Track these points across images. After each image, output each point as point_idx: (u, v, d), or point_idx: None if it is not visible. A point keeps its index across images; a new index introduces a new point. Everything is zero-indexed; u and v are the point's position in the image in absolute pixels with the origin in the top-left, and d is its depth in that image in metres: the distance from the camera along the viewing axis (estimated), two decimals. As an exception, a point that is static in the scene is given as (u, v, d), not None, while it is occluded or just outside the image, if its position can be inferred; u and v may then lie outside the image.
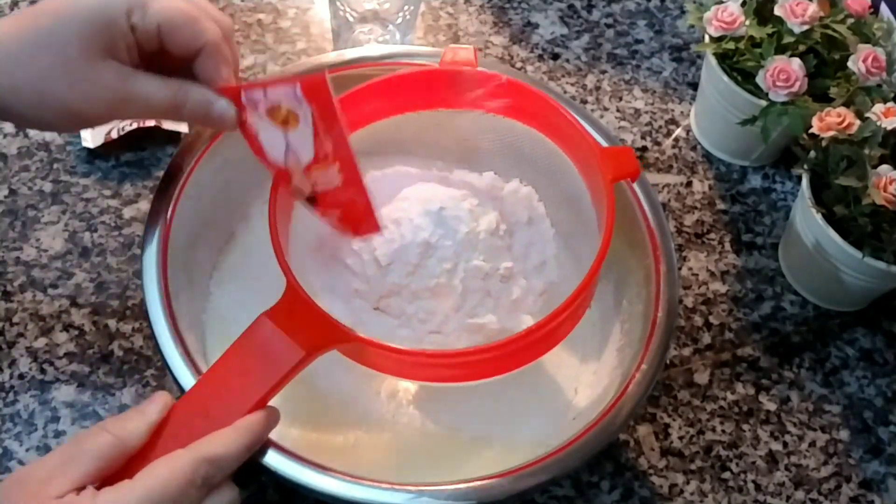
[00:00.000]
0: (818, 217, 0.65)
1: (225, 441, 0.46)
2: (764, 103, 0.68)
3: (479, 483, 0.49)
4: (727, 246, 0.74)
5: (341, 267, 0.57)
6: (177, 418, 0.47)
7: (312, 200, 0.53)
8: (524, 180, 0.62)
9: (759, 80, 0.68)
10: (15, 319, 0.65)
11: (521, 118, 0.59)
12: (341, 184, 0.52)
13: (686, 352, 0.68)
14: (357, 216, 0.54)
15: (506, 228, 0.58)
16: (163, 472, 0.43)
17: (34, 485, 0.42)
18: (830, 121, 0.64)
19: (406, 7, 0.76)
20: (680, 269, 0.72)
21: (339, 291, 0.56)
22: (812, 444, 0.65)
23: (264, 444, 0.49)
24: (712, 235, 0.74)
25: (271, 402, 0.49)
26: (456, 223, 0.55)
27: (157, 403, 0.47)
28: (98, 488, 0.42)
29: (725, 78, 0.71)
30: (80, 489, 0.42)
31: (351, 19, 0.76)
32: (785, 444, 0.65)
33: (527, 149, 0.60)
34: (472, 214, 0.56)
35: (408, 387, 0.61)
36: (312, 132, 0.50)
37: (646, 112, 0.81)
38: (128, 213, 0.70)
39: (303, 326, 0.49)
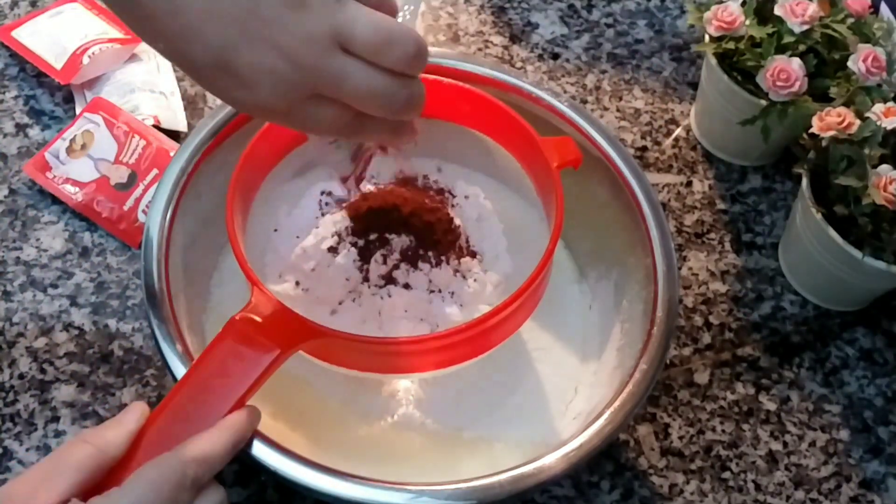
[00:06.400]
0: (818, 217, 0.65)
1: (210, 441, 0.45)
2: (764, 103, 0.68)
3: (479, 483, 0.49)
4: (727, 246, 0.74)
5: (299, 273, 0.58)
6: (157, 424, 0.47)
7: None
8: (469, 181, 0.63)
9: (759, 80, 0.68)
10: (15, 319, 0.65)
11: (460, 120, 0.60)
12: None
13: (686, 352, 0.68)
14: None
15: (459, 224, 0.59)
16: (152, 476, 0.43)
17: (18, 501, 0.42)
18: (830, 121, 0.64)
19: (406, 7, 0.76)
20: (680, 269, 0.72)
21: (297, 299, 0.57)
22: (812, 444, 0.65)
23: (249, 439, 0.49)
24: (712, 235, 0.74)
25: (265, 403, 0.49)
26: (411, 221, 0.57)
27: (135, 413, 0.47)
28: (83, 500, 0.42)
29: (725, 78, 0.71)
30: (64, 502, 0.42)
31: (351, 19, 0.76)
32: (785, 444, 0.65)
33: (469, 150, 0.62)
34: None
35: (408, 386, 0.61)
36: None
37: (646, 112, 0.81)
38: (128, 213, 0.70)
39: (274, 326, 0.49)
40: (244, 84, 0.41)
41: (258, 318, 0.49)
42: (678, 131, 0.80)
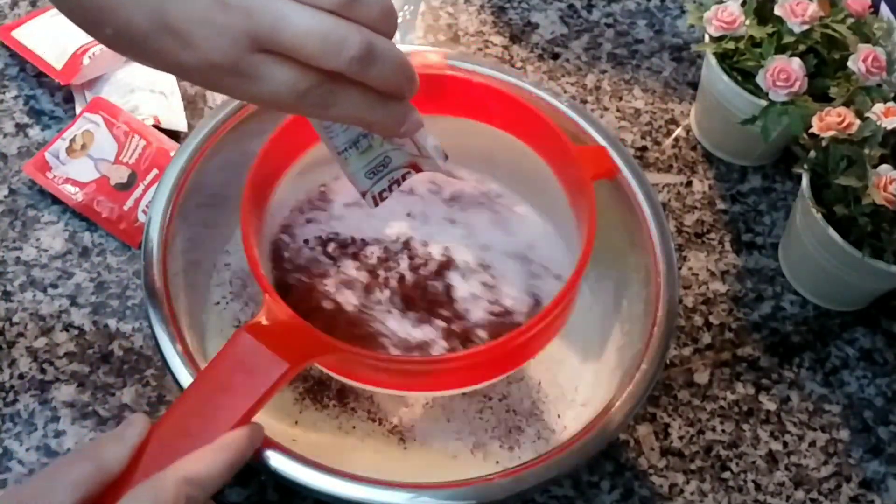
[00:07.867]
0: (818, 217, 0.65)
1: (207, 461, 0.44)
2: (764, 103, 0.68)
3: (479, 483, 0.49)
4: (727, 246, 0.74)
5: None
6: (158, 439, 0.45)
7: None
8: (497, 184, 0.61)
9: (759, 79, 0.68)
10: (15, 319, 0.65)
11: (493, 122, 0.59)
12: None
13: (686, 352, 0.68)
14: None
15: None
16: (145, 499, 0.41)
17: None
18: (830, 120, 0.64)
19: (406, 7, 0.76)
20: (680, 269, 0.72)
21: None
22: (812, 444, 0.65)
23: (259, 449, 0.48)
24: (712, 235, 0.74)
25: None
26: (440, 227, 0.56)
27: (136, 426, 0.45)
28: None
29: (725, 78, 0.71)
30: None
31: (351, 19, 0.76)
32: (785, 444, 0.65)
33: (499, 153, 0.60)
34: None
35: (408, 387, 0.61)
36: None
37: (646, 112, 0.81)
38: (128, 213, 0.70)
39: (284, 338, 0.47)
40: (186, 42, 0.40)
41: (268, 330, 0.48)
42: (678, 131, 0.80)
